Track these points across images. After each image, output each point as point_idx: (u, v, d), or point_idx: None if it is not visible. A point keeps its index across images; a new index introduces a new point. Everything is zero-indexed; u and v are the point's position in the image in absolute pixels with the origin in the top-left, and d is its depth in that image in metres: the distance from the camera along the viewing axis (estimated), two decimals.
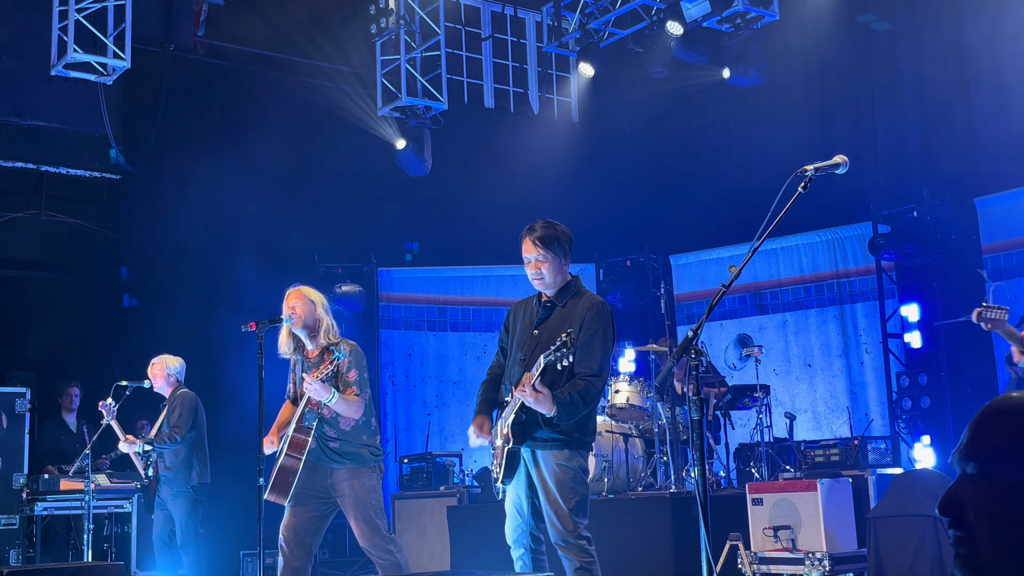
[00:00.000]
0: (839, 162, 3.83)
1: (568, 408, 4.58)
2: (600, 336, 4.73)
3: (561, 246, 4.90)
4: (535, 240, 4.88)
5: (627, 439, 9.04)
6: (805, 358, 11.45)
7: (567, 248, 4.91)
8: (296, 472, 5.60)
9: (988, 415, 1.50)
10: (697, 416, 3.51)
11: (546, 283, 4.88)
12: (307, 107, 11.80)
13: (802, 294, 11.59)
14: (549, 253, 4.83)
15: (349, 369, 5.70)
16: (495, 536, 8.63)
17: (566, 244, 4.93)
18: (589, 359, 4.69)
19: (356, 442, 5.71)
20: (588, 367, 4.69)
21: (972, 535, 1.44)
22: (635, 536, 7.99)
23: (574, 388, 4.61)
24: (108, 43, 9.78)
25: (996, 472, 1.44)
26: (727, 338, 11.65)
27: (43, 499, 8.81)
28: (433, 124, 12.05)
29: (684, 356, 3.53)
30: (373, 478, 5.73)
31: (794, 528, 7.37)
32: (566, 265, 4.91)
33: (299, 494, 5.63)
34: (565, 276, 4.91)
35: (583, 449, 4.80)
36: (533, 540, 4.94)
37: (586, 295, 4.90)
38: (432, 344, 12.30)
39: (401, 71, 11.72)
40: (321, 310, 5.77)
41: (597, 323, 4.73)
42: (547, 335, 4.78)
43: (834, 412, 11.05)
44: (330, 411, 5.65)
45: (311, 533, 5.71)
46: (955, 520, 1.47)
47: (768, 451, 9.03)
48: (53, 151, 11.06)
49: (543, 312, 4.93)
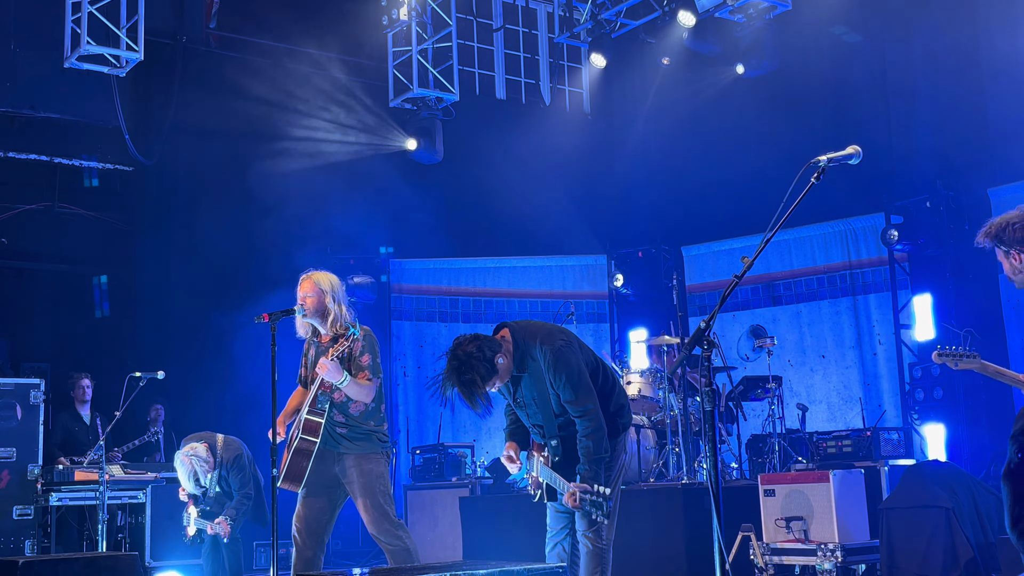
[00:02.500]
0: (852, 152, 3.82)
1: (596, 467, 4.74)
2: (567, 378, 4.79)
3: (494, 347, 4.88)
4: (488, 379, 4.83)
5: (639, 430, 9.04)
6: (818, 349, 11.43)
7: (497, 346, 4.87)
8: (311, 456, 5.61)
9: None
10: (709, 407, 3.52)
11: (508, 368, 4.88)
12: (319, 98, 11.81)
13: (815, 285, 11.57)
14: (500, 358, 4.80)
15: (362, 353, 5.71)
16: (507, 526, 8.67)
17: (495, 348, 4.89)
18: (577, 403, 4.79)
19: (364, 428, 5.72)
20: (577, 410, 4.79)
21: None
22: (647, 527, 8.00)
23: (585, 454, 4.75)
24: (121, 35, 9.80)
25: None
26: (740, 329, 11.63)
27: (57, 490, 8.84)
28: (445, 115, 12.04)
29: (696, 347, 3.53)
30: (381, 464, 5.75)
31: (806, 519, 7.37)
32: (507, 350, 4.88)
33: (309, 483, 5.64)
34: (511, 353, 4.90)
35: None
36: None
37: (532, 351, 4.89)
38: (444, 335, 12.30)
39: (413, 62, 11.71)
40: (329, 298, 5.77)
41: (559, 370, 4.79)
42: (533, 400, 4.92)
43: (847, 403, 11.03)
44: (341, 395, 5.66)
45: (323, 523, 5.72)
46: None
47: (780, 442, 9.02)
48: (66, 143, 11.10)
49: (514, 384, 4.98)
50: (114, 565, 6.33)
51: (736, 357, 11.09)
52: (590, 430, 4.74)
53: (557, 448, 4.85)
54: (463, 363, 4.74)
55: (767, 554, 7.54)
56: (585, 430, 4.75)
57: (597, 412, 4.78)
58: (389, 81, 11.96)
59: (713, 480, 3.35)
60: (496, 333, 4.98)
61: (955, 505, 6.74)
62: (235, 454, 7.66)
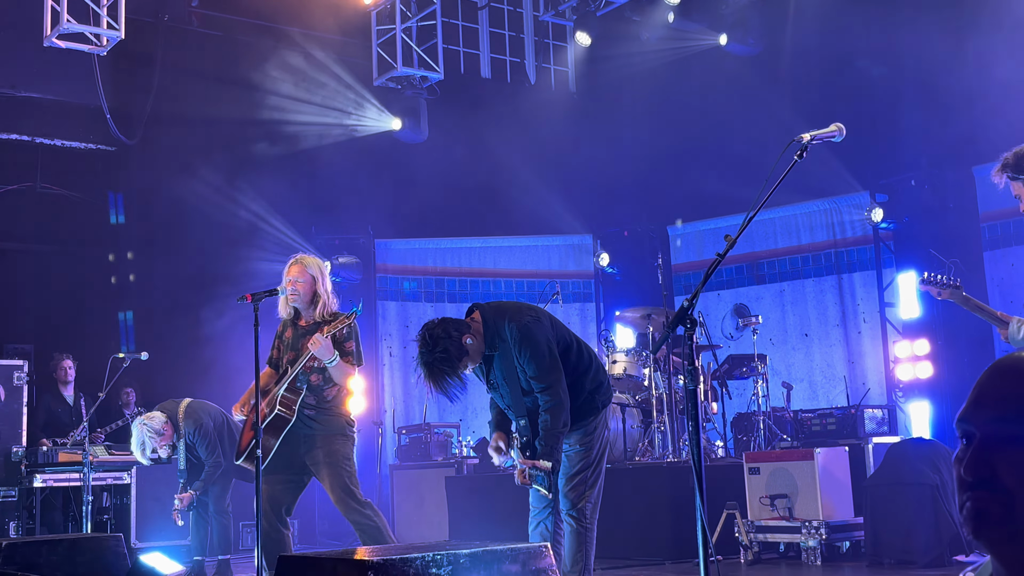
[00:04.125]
0: (834, 130, 3.81)
1: (554, 441, 4.75)
2: (531, 353, 4.80)
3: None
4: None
5: (624, 409, 9.06)
6: (802, 328, 11.45)
7: (466, 327, 4.87)
8: (282, 432, 5.67)
9: (998, 376, 1.43)
10: (692, 386, 3.51)
11: (478, 349, 4.88)
12: (305, 77, 11.73)
13: (799, 263, 11.58)
14: (468, 339, 4.79)
15: (347, 339, 5.74)
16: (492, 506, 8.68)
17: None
18: (540, 379, 4.79)
19: (335, 411, 5.79)
20: (539, 385, 4.80)
21: (1010, 497, 1.39)
22: (633, 505, 8.02)
23: (543, 428, 4.76)
24: (102, 14, 9.70)
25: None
26: (724, 308, 11.64)
27: (42, 471, 8.82)
28: (429, 94, 11.99)
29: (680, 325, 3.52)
30: (348, 446, 5.83)
31: (791, 497, 7.40)
32: (477, 331, 4.87)
33: (272, 464, 5.66)
34: (481, 333, 4.88)
35: None
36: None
37: (501, 329, 4.88)
38: (430, 315, 12.15)
39: (396, 41, 11.64)
40: (320, 285, 5.80)
41: (524, 345, 4.80)
42: (504, 380, 4.92)
43: (831, 381, 11.07)
44: (319, 378, 5.72)
45: (283, 503, 5.79)
46: (984, 481, 1.41)
47: (765, 421, 9.04)
48: (47, 123, 11.01)
49: (487, 365, 4.98)
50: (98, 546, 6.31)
51: (721, 336, 11.11)
52: (550, 404, 4.75)
53: (525, 428, 4.85)
54: (431, 346, 4.74)
55: (752, 532, 7.57)
56: (545, 404, 4.76)
57: (559, 387, 4.78)
58: (373, 60, 11.88)
59: (696, 458, 3.34)
60: (468, 315, 4.99)
61: (939, 482, 6.77)
62: (197, 423, 7.61)
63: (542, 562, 4.16)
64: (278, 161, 11.29)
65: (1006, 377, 1.43)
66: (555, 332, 4.95)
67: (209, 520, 7.81)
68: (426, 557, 3.90)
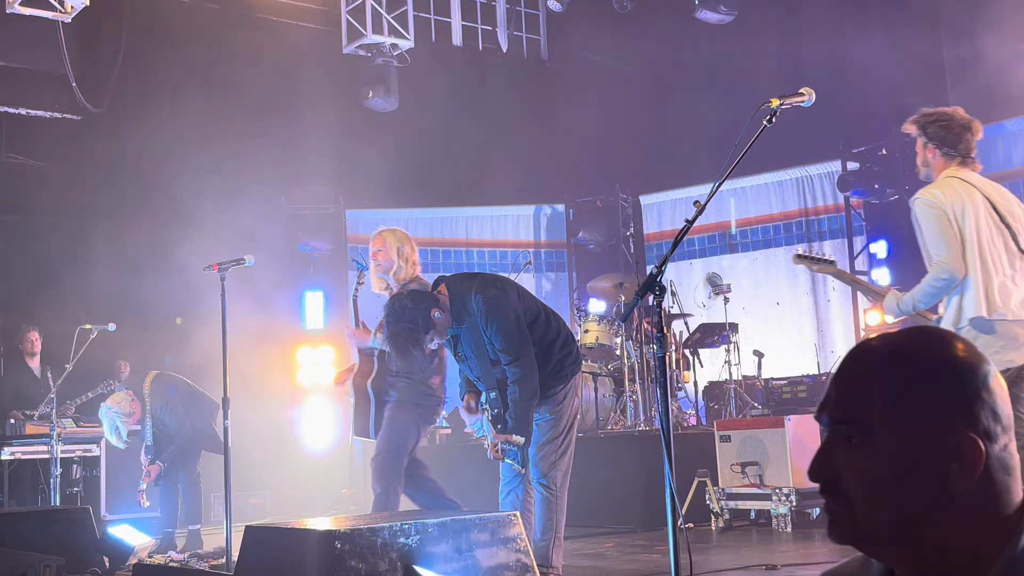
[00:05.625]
0: (805, 95, 3.79)
1: (524, 413, 4.79)
2: (498, 325, 4.82)
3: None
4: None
5: (596, 378, 9.07)
6: (773, 296, 11.49)
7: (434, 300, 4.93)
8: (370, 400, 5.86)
9: (855, 368, 1.36)
10: (662, 353, 3.49)
11: (446, 323, 4.93)
12: (271, 44, 11.58)
13: (771, 232, 11.60)
14: (437, 312, 4.84)
15: None
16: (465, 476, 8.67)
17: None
18: (507, 351, 4.82)
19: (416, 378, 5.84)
20: (507, 357, 4.83)
21: (849, 501, 1.35)
22: (605, 474, 8.05)
23: (512, 399, 4.80)
24: None
25: (869, 431, 1.31)
26: (697, 277, 11.66)
27: (9, 444, 8.74)
28: (399, 62, 11.87)
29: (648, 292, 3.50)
30: (411, 415, 5.83)
31: (762, 464, 7.43)
32: (445, 304, 4.92)
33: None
34: (448, 308, 4.94)
35: None
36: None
37: (467, 302, 4.90)
38: None
39: (366, 8, 11.50)
40: (395, 253, 5.97)
41: (491, 318, 4.82)
42: (472, 353, 4.95)
43: (800, 349, 11.11)
44: None
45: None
46: (829, 485, 1.35)
47: (736, 389, 9.07)
48: (12, 91, 10.84)
49: (454, 339, 5.03)
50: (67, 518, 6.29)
51: (694, 305, 11.13)
52: (518, 376, 4.75)
53: (496, 400, 4.85)
54: (398, 316, 4.73)
55: (723, 499, 7.61)
56: (514, 376, 4.76)
57: (527, 359, 4.78)
58: (342, 27, 11.74)
59: (664, 423, 3.34)
60: (434, 289, 4.97)
61: None
62: (164, 398, 7.58)
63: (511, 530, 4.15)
64: (247, 128, 11.16)
65: (847, 369, 1.38)
66: (522, 303, 4.94)
67: (178, 491, 7.77)
68: (394, 527, 3.89)
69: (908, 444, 1.29)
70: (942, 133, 4.73)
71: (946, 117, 4.73)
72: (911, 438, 1.29)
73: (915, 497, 1.29)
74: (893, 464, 1.30)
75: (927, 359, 1.33)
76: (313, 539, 3.89)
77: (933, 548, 1.30)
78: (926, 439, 1.29)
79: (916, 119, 4.80)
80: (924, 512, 1.29)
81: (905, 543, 1.31)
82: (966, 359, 1.32)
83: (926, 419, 1.29)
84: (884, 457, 1.30)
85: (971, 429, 1.29)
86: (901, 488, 1.30)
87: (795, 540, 6.93)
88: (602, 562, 6.44)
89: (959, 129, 4.73)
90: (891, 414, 1.30)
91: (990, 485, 1.30)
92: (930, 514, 1.29)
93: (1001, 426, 1.31)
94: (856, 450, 1.33)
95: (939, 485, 1.28)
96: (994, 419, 1.30)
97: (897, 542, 1.31)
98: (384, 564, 3.81)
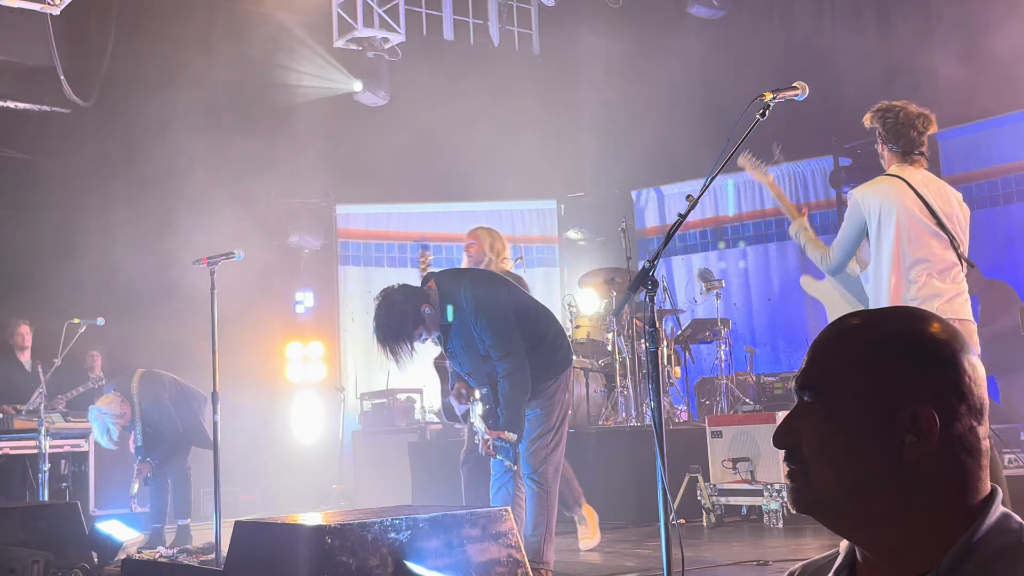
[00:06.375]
0: (798, 89, 3.77)
1: (515, 409, 4.77)
2: (487, 321, 4.81)
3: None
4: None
5: (588, 373, 9.05)
6: (766, 292, 11.48)
7: (424, 296, 4.91)
8: None
9: (824, 338, 1.39)
10: (653, 348, 3.47)
11: (436, 319, 4.88)
12: (262, 38, 11.54)
13: (763, 228, 11.59)
14: (427, 308, 4.82)
15: None
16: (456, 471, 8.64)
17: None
18: (498, 347, 4.80)
19: None
20: (497, 353, 4.81)
21: (806, 467, 1.35)
22: (596, 469, 8.03)
23: (503, 395, 4.78)
24: None
25: (830, 397, 1.33)
26: (689, 273, 11.65)
27: None
28: (390, 56, 11.83)
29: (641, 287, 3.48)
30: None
31: (753, 460, 7.42)
32: (435, 300, 4.88)
33: None
34: (438, 304, 4.93)
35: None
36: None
37: (457, 298, 4.89)
38: (392, 280, 12.14)
39: (357, 1, 11.45)
40: (487, 247, 6.26)
41: (480, 314, 4.79)
42: (462, 348, 4.93)
43: (792, 345, 11.10)
44: None
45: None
46: (791, 452, 1.35)
47: (728, 384, 9.06)
48: (0, 84, 10.77)
49: (444, 334, 5.01)
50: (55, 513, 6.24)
51: (685, 300, 11.12)
52: (508, 371, 4.73)
53: (487, 396, 4.83)
54: (387, 311, 4.70)
55: (714, 495, 7.60)
56: (504, 371, 4.74)
57: (518, 355, 4.76)
58: (333, 20, 11.69)
59: (656, 418, 3.31)
60: (424, 285, 4.95)
61: None
62: (154, 397, 7.55)
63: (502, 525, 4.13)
64: (236, 123, 11.10)
65: (818, 339, 1.40)
66: (512, 298, 4.92)
67: (167, 488, 7.74)
68: (384, 522, 3.86)
69: (865, 411, 1.30)
70: (887, 128, 4.73)
71: (892, 112, 4.72)
72: (868, 405, 1.30)
73: (868, 463, 1.29)
74: (849, 430, 1.31)
75: (893, 330, 1.34)
76: (303, 534, 3.86)
77: (887, 521, 1.29)
78: (883, 408, 1.29)
79: (870, 113, 4.81)
80: (876, 481, 1.29)
81: (857, 512, 1.31)
82: (936, 335, 1.32)
83: (885, 388, 1.30)
84: (840, 423, 1.31)
85: (930, 402, 1.28)
86: (854, 454, 1.30)
87: (786, 536, 6.92)
88: (593, 557, 6.43)
89: (902, 126, 4.72)
90: (851, 381, 1.32)
91: (951, 463, 1.28)
92: (883, 483, 1.29)
93: (967, 406, 1.30)
94: (815, 415, 1.34)
95: (894, 454, 1.28)
96: (958, 397, 1.29)
97: (849, 509, 1.31)
98: (375, 559, 3.78)
